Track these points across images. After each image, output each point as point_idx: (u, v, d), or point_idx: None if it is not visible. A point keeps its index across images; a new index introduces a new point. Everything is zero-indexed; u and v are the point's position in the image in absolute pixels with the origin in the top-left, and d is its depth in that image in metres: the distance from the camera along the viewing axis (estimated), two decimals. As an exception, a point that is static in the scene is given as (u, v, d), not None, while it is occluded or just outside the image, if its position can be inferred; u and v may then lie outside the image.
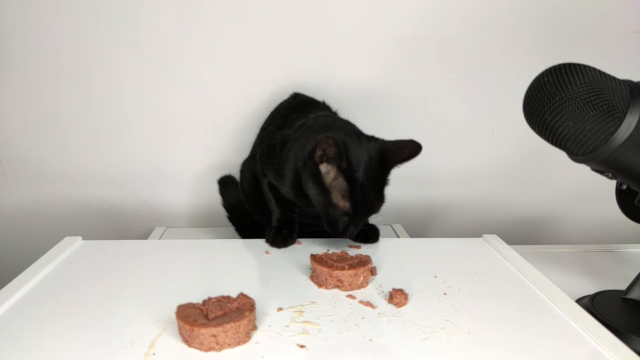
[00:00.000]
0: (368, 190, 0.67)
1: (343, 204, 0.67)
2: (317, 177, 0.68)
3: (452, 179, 1.09)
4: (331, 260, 0.65)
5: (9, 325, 0.53)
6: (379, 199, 0.70)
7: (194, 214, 1.09)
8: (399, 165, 0.70)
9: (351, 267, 0.62)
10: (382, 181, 0.70)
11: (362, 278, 0.62)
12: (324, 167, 0.67)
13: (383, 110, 1.02)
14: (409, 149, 0.69)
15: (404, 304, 0.58)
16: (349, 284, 0.61)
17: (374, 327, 0.54)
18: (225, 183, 0.93)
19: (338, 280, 0.61)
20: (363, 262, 0.64)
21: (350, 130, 0.72)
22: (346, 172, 0.66)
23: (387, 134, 1.04)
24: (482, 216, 1.13)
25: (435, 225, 1.15)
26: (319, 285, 0.63)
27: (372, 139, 0.72)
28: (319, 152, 0.65)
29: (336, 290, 0.62)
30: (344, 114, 0.99)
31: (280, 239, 0.77)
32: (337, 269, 0.61)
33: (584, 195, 1.11)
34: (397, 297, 0.59)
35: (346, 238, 0.71)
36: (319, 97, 0.95)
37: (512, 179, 1.10)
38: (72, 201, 1.06)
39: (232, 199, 0.93)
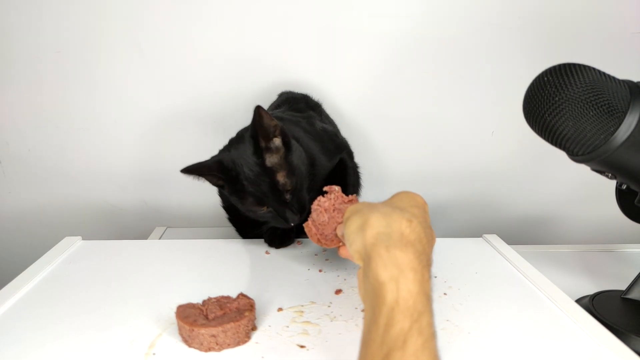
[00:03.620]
0: (260, 176, 0.66)
1: (249, 200, 0.68)
2: (230, 192, 0.70)
3: (452, 179, 1.09)
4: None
5: (9, 325, 0.53)
6: (280, 176, 0.66)
7: (194, 214, 1.09)
8: (267, 135, 0.66)
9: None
10: (264, 159, 0.66)
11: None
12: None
13: (383, 110, 1.02)
14: (256, 119, 0.65)
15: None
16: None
17: (374, 327, 0.53)
18: None
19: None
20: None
21: (239, 137, 0.72)
22: (231, 180, 0.68)
23: (386, 134, 1.05)
24: (482, 216, 1.13)
25: (435, 225, 1.13)
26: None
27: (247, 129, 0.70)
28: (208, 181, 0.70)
29: (338, 291, 0.62)
30: (343, 114, 1.00)
31: (277, 239, 0.77)
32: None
33: (584, 195, 1.11)
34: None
35: (291, 225, 0.69)
36: (318, 97, 0.95)
37: (512, 179, 1.10)
38: (72, 201, 1.06)
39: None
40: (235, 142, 0.71)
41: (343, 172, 0.84)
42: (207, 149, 1.03)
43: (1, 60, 0.95)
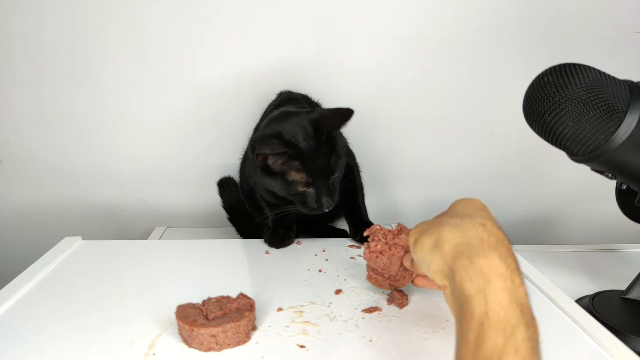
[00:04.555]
0: (316, 155, 0.69)
1: (300, 176, 0.69)
2: (269, 171, 0.70)
3: (452, 179, 1.09)
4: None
5: (9, 325, 0.53)
6: (332, 158, 0.70)
7: (194, 214, 1.09)
8: (336, 130, 0.72)
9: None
10: (324, 144, 0.70)
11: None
12: (270, 161, 0.69)
13: (383, 111, 1.02)
14: (341, 115, 0.70)
15: (405, 305, 0.58)
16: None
17: (374, 328, 0.54)
18: (224, 185, 0.94)
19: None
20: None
21: (285, 114, 0.74)
22: (288, 151, 0.68)
23: (387, 134, 1.05)
24: (482, 216, 1.13)
25: (435, 225, 1.15)
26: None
27: (308, 112, 0.73)
28: (257, 160, 0.70)
29: (337, 291, 0.62)
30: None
31: (277, 239, 0.77)
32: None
33: (584, 195, 1.11)
34: (397, 298, 0.59)
35: (325, 210, 0.70)
36: (317, 97, 0.95)
37: (512, 179, 1.10)
38: (72, 201, 1.06)
39: (231, 200, 0.93)
40: (284, 120, 0.72)
41: (350, 177, 0.84)
42: (207, 149, 1.03)
43: (2, 60, 0.94)
